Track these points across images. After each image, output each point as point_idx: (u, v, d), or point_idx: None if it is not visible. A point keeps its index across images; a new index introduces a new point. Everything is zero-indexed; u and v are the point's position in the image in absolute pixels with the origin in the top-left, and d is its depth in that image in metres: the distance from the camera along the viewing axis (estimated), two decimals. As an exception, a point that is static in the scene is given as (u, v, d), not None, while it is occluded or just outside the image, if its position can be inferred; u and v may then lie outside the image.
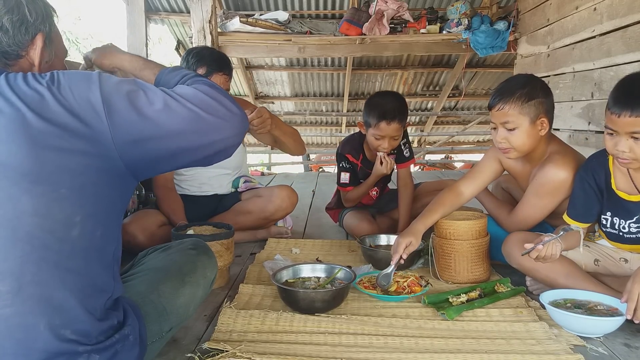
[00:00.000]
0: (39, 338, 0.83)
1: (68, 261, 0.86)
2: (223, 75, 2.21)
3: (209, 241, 1.71)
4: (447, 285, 1.85)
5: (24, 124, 0.84)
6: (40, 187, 0.84)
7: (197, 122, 0.95)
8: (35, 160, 0.83)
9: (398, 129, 2.30)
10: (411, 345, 1.36)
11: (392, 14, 5.30)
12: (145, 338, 1.03)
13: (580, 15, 3.68)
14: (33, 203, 0.83)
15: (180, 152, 0.96)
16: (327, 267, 1.79)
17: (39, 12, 1.00)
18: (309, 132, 8.77)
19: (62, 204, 0.85)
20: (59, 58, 1.08)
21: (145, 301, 1.09)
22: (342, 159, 2.51)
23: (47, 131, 0.84)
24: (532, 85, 1.72)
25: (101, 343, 0.90)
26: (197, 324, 1.51)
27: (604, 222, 1.64)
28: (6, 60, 0.98)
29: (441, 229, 1.90)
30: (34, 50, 1.00)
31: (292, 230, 2.64)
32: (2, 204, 0.82)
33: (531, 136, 1.72)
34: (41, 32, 1.00)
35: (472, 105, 8.18)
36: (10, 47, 0.97)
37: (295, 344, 1.36)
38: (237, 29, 5.27)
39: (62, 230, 0.85)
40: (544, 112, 1.72)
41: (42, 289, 0.84)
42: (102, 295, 0.92)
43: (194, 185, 2.48)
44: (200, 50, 2.24)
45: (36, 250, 0.83)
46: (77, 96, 0.88)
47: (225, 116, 0.98)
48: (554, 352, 1.32)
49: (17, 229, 0.83)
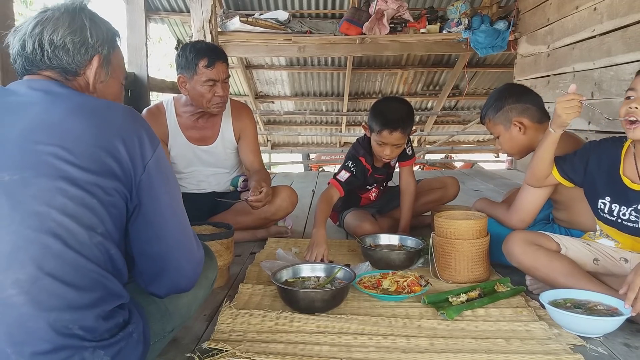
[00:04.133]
0: (47, 329, 0.86)
1: (85, 264, 0.90)
2: (223, 64, 2.25)
3: (209, 241, 1.71)
4: (447, 285, 1.84)
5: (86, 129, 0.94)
6: (75, 190, 0.90)
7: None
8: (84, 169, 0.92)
9: (401, 137, 2.26)
10: (411, 345, 1.36)
11: (392, 14, 5.30)
12: (148, 337, 1.05)
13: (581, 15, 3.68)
14: (65, 202, 0.89)
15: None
16: (327, 266, 1.79)
17: (100, 35, 1.08)
18: (308, 131, 8.78)
19: (90, 213, 0.91)
20: (115, 79, 1.16)
21: (149, 301, 1.12)
22: (353, 160, 2.39)
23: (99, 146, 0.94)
24: (499, 97, 1.93)
25: (106, 340, 0.92)
26: (197, 323, 1.51)
27: (601, 207, 1.64)
28: (66, 75, 1.06)
29: (441, 229, 1.90)
30: (90, 70, 1.08)
31: (292, 229, 2.64)
32: (36, 196, 0.88)
33: (512, 138, 1.91)
34: (99, 54, 1.08)
35: (472, 105, 8.19)
36: (70, 65, 1.05)
37: (295, 343, 1.36)
38: (237, 28, 5.28)
39: (84, 235, 0.90)
40: (517, 115, 1.88)
41: (57, 283, 0.87)
42: (113, 300, 0.95)
43: (192, 182, 2.49)
44: (195, 44, 2.26)
45: (58, 246, 0.87)
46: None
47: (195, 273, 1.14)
48: (553, 352, 1.32)
49: (44, 222, 0.87)
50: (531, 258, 1.67)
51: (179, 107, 2.40)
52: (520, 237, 1.72)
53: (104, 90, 1.13)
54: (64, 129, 0.93)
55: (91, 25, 1.07)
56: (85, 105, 0.99)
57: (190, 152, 2.42)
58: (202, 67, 2.18)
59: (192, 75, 2.20)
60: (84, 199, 0.90)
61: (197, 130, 2.42)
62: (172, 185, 1.07)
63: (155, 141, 1.03)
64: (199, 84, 2.21)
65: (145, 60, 3.24)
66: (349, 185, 2.35)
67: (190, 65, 2.19)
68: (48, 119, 0.94)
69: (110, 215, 0.95)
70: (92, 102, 1.01)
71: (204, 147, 2.44)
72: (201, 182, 2.49)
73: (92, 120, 0.96)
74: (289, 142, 9.26)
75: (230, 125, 2.46)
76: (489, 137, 9.09)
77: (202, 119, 2.41)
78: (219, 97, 2.24)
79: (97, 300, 0.91)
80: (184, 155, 2.43)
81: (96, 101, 1.02)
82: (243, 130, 2.48)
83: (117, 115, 1.00)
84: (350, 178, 2.34)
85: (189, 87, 2.24)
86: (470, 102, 8.14)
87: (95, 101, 1.02)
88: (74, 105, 0.97)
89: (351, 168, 2.37)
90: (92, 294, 0.91)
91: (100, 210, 0.92)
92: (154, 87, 3.48)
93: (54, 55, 1.03)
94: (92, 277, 0.91)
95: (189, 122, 2.40)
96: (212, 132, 2.44)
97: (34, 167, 0.90)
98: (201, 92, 2.22)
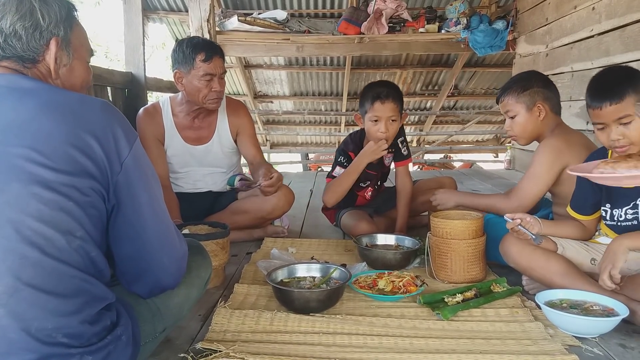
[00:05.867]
0: (30, 340, 0.84)
1: (65, 271, 0.88)
2: (220, 59, 2.25)
3: (204, 240, 1.70)
4: (443, 285, 1.84)
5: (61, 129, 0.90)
6: (50, 194, 0.86)
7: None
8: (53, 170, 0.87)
9: (393, 109, 2.28)
10: (405, 346, 1.35)
11: (390, 13, 5.30)
12: (138, 338, 1.03)
13: (579, 14, 3.67)
14: (40, 208, 0.85)
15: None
16: (323, 266, 1.78)
17: (53, 16, 0.99)
18: (307, 131, 8.76)
19: (67, 217, 0.88)
20: (79, 60, 1.07)
21: (139, 301, 1.10)
22: (343, 155, 2.48)
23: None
24: (528, 78, 1.98)
25: (94, 345, 0.90)
26: (191, 323, 1.50)
27: (604, 215, 1.65)
28: (23, 64, 0.98)
29: (437, 228, 1.89)
30: (49, 55, 1.00)
31: (288, 229, 2.63)
32: (10, 203, 0.84)
33: (530, 121, 1.95)
34: (56, 36, 1.00)
35: (471, 105, 8.17)
36: (25, 53, 0.98)
37: (289, 344, 1.35)
38: (235, 27, 5.27)
39: (62, 241, 0.87)
40: (542, 99, 1.93)
41: (38, 293, 0.84)
42: (97, 303, 0.93)
43: (188, 182, 2.48)
44: (191, 39, 2.26)
45: (35, 255, 0.84)
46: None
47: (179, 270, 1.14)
48: (549, 352, 1.31)
49: (20, 231, 0.84)
50: (527, 258, 1.67)
51: (175, 106, 2.40)
52: (517, 237, 1.71)
53: (68, 75, 1.05)
54: (34, 128, 0.88)
55: (41, 6, 0.98)
56: (55, 101, 0.93)
57: (186, 152, 2.42)
58: (199, 61, 2.18)
59: (189, 70, 2.20)
60: (60, 203, 0.87)
61: (193, 130, 2.41)
62: (151, 181, 1.03)
63: (132, 136, 0.98)
64: (196, 78, 2.20)
65: (143, 59, 3.24)
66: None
67: (188, 60, 2.19)
68: (17, 118, 0.88)
69: (88, 216, 0.91)
70: (63, 97, 0.95)
71: (199, 146, 2.43)
72: (197, 181, 2.49)
73: (63, 117, 0.90)
74: (288, 142, 9.25)
75: (226, 123, 2.45)
76: (488, 137, 9.09)
77: (198, 118, 2.40)
78: (215, 92, 2.24)
79: (81, 305, 0.89)
80: (180, 155, 2.42)
81: (67, 96, 0.96)
82: (241, 126, 2.48)
83: (90, 110, 0.94)
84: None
85: (185, 82, 2.24)
86: (469, 102, 8.13)
87: (66, 96, 0.96)
88: (44, 101, 0.92)
89: (344, 163, 2.44)
90: (75, 300, 0.88)
91: (77, 213, 0.89)
92: (151, 87, 3.48)
93: (7, 44, 0.96)
94: (73, 283, 0.88)
95: (185, 122, 2.40)
96: (208, 131, 2.44)
97: (5, 172, 0.85)
98: (198, 87, 2.22)
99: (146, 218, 1.01)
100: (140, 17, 3.09)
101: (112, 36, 13.27)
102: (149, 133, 2.34)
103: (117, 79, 3.02)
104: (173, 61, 2.26)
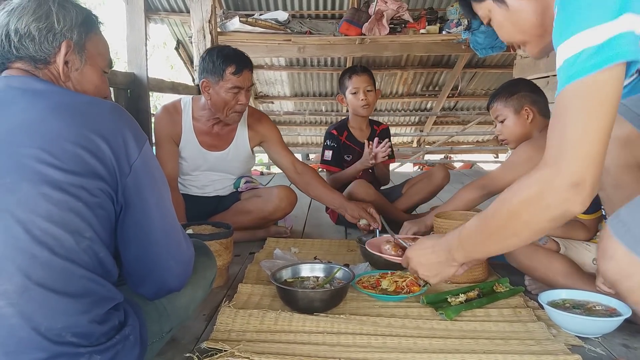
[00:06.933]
0: (40, 339, 0.84)
1: (74, 270, 0.88)
2: (249, 72, 2.25)
3: (208, 240, 1.71)
4: (445, 285, 1.84)
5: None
6: (60, 195, 0.86)
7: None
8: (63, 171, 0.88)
9: (368, 80, 2.74)
10: (409, 345, 1.36)
11: (391, 14, 5.30)
12: (146, 338, 1.04)
13: (580, 15, 3.67)
14: (49, 209, 0.86)
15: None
16: (326, 266, 1.79)
17: (69, 20, 1.02)
18: (308, 131, 8.77)
19: (76, 217, 0.88)
20: (93, 67, 1.09)
21: (147, 302, 1.11)
22: (328, 137, 2.85)
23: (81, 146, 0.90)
24: (515, 84, 2.11)
25: (102, 344, 0.91)
26: (195, 323, 1.51)
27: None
28: (35, 64, 1.01)
29: (441, 229, 1.90)
30: (59, 57, 1.02)
31: (291, 229, 2.64)
32: (20, 203, 0.85)
33: (518, 124, 2.02)
34: (67, 39, 1.02)
35: (471, 106, 8.18)
36: (37, 54, 1.00)
37: (294, 343, 1.36)
38: (236, 28, 5.27)
39: (71, 241, 0.88)
40: (529, 103, 2.02)
41: (47, 292, 0.85)
42: (105, 303, 0.94)
43: (196, 186, 2.47)
44: (222, 50, 2.24)
45: (45, 254, 0.85)
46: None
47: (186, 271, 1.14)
48: (552, 352, 1.32)
49: (29, 230, 0.84)
50: (530, 258, 1.68)
51: (197, 109, 2.37)
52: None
53: (80, 79, 1.07)
54: (45, 129, 0.89)
55: (59, 10, 1.01)
56: (65, 103, 0.94)
57: (200, 156, 2.40)
58: (229, 73, 2.16)
59: (218, 81, 2.18)
60: (69, 203, 0.87)
61: (211, 136, 2.39)
62: (160, 184, 1.04)
63: (142, 139, 0.99)
64: (224, 90, 2.18)
65: (145, 60, 3.23)
66: (337, 160, 2.82)
67: (217, 71, 2.17)
68: (28, 119, 0.90)
69: (97, 217, 0.92)
70: (74, 99, 0.97)
71: (215, 152, 2.41)
72: (206, 186, 2.48)
73: (73, 119, 0.91)
74: (289, 142, 9.20)
75: (245, 133, 2.44)
76: (489, 137, 9.09)
77: (218, 125, 2.38)
78: (240, 105, 2.23)
79: (89, 305, 0.90)
80: (193, 158, 2.40)
81: (78, 97, 0.98)
82: (266, 136, 2.47)
83: (100, 113, 0.95)
84: (334, 154, 2.82)
85: (212, 92, 2.22)
86: (470, 103, 8.14)
87: (76, 98, 0.98)
88: (54, 103, 0.93)
89: (330, 145, 2.83)
90: (84, 300, 0.89)
91: (86, 213, 0.89)
92: (153, 87, 3.48)
93: (20, 44, 0.98)
94: (82, 283, 0.89)
95: (205, 127, 2.38)
96: (226, 139, 2.42)
97: (15, 172, 0.86)
98: (225, 99, 2.20)
99: (154, 220, 1.01)
100: (142, 18, 3.08)
101: (114, 36, 13.27)
102: (165, 132, 2.33)
103: (119, 79, 3.02)
104: (201, 69, 2.23)
